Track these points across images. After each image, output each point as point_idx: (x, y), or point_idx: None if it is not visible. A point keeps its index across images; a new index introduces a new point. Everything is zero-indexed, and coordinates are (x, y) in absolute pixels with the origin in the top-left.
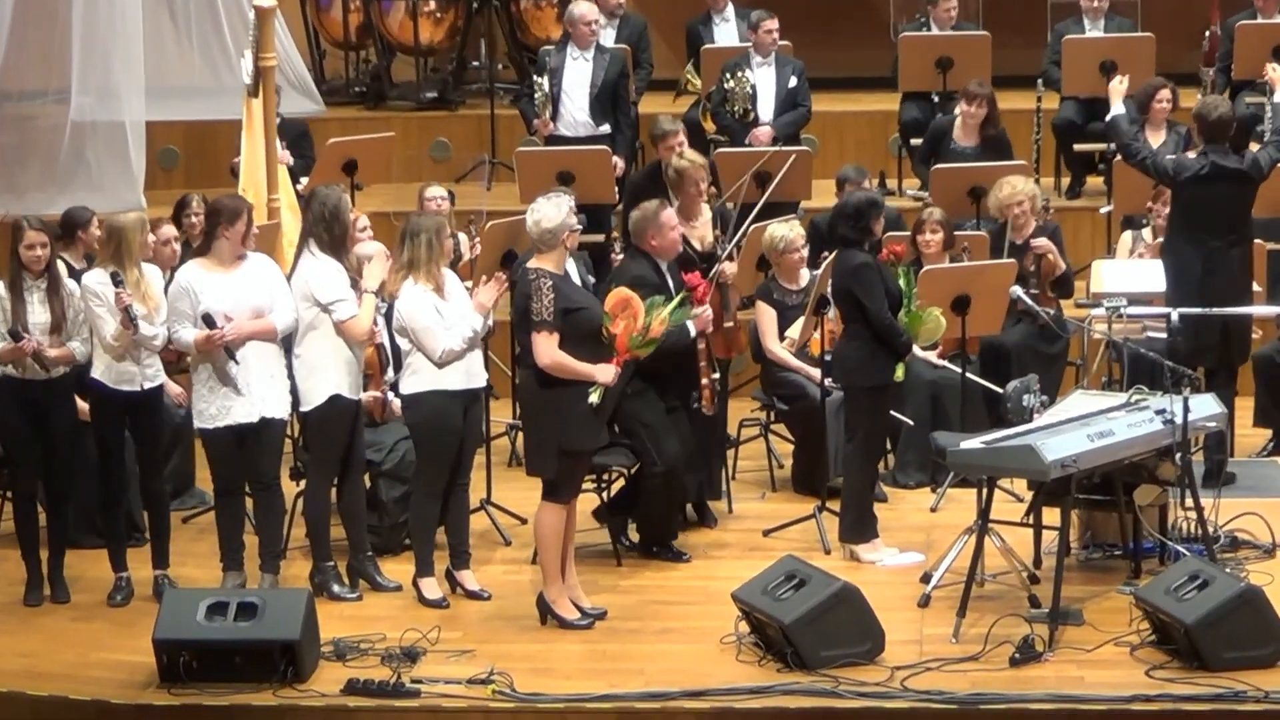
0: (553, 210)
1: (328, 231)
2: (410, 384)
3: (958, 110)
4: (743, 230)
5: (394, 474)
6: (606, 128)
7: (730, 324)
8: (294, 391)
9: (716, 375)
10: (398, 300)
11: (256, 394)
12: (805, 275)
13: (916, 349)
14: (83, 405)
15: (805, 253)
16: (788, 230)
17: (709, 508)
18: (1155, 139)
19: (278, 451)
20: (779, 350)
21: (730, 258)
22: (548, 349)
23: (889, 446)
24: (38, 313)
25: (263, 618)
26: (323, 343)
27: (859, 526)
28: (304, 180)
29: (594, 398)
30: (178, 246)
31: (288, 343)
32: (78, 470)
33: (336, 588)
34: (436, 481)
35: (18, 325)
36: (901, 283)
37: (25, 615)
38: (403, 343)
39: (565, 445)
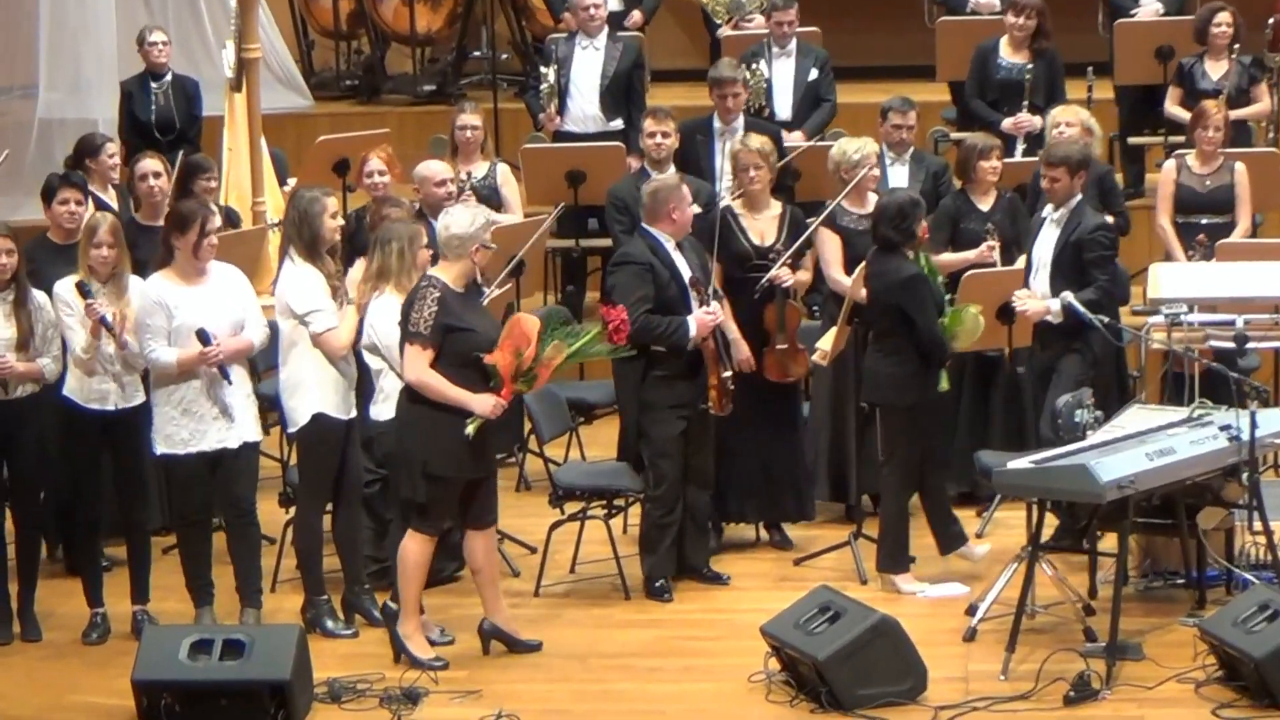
0: (466, 218)
1: (299, 237)
2: (384, 410)
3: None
4: (806, 233)
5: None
6: (618, 123)
7: (784, 346)
8: (280, 411)
9: (729, 374)
10: (367, 314)
11: (236, 417)
12: (873, 199)
13: None
14: None
15: (877, 172)
16: (859, 146)
17: (783, 529)
18: (1216, 69)
19: (254, 476)
20: (841, 278)
21: (794, 265)
22: (416, 364)
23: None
24: (2, 328)
25: (251, 656)
26: (305, 358)
27: (898, 555)
28: (291, 182)
29: (469, 429)
30: (162, 184)
31: (252, 363)
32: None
33: (330, 623)
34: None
35: None
36: (924, 271)
37: None
38: (373, 362)
39: (431, 469)
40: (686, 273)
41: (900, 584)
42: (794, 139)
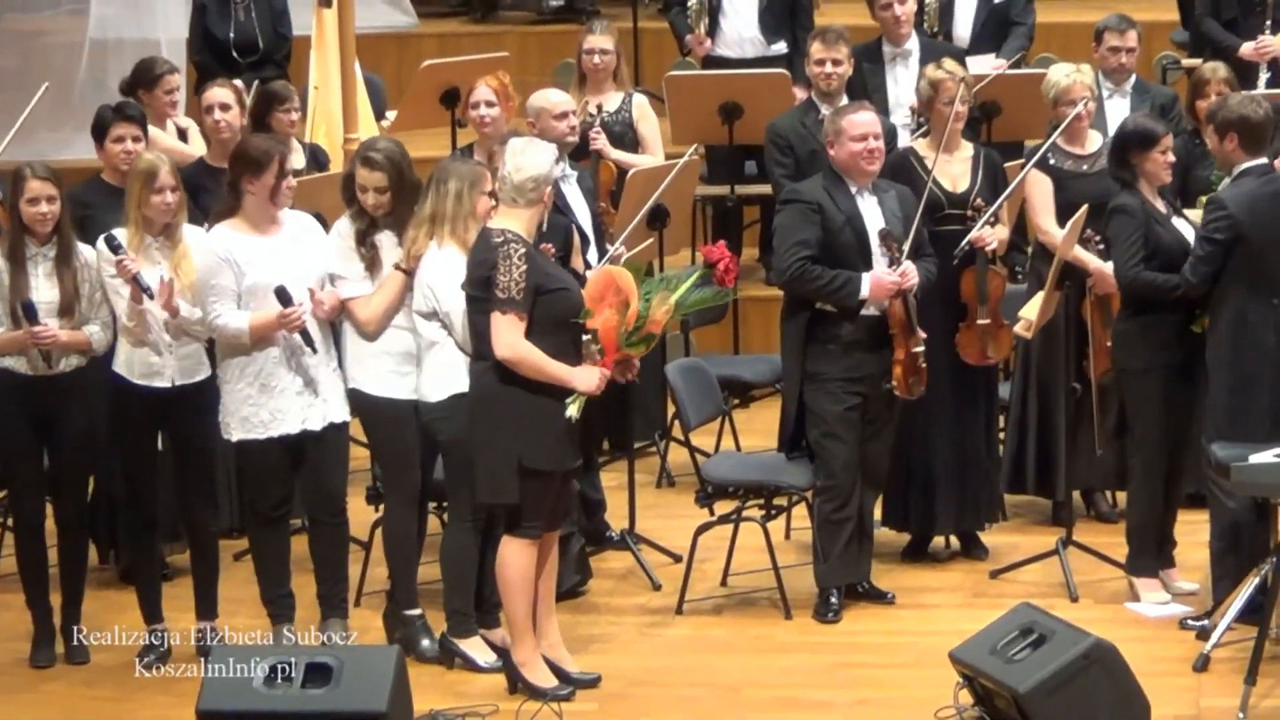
0: (540, 156)
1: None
2: (437, 386)
3: None
4: (1014, 184)
5: None
6: (781, 46)
7: (985, 321)
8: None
9: (921, 348)
10: (422, 269)
11: (321, 392)
12: (1095, 138)
13: None
14: None
15: (1090, 107)
16: (1066, 75)
17: (977, 536)
18: None
19: (345, 465)
20: (1054, 230)
21: (994, 221)
22: (511, 336)
23: None
24: (44, 289)
25: (340, 683)
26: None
27: (1142, 555)
28: (390, 116)
29: (572, 410)
30: (232, 118)
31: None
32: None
33: (425, 643)
34: (476, 510)
35: (18, 303)
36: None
37: (31, 680)
38: (427, 328)
39: (528, 462)
40: (877, 222)
41: (1140, 590)
42: (981, 64)
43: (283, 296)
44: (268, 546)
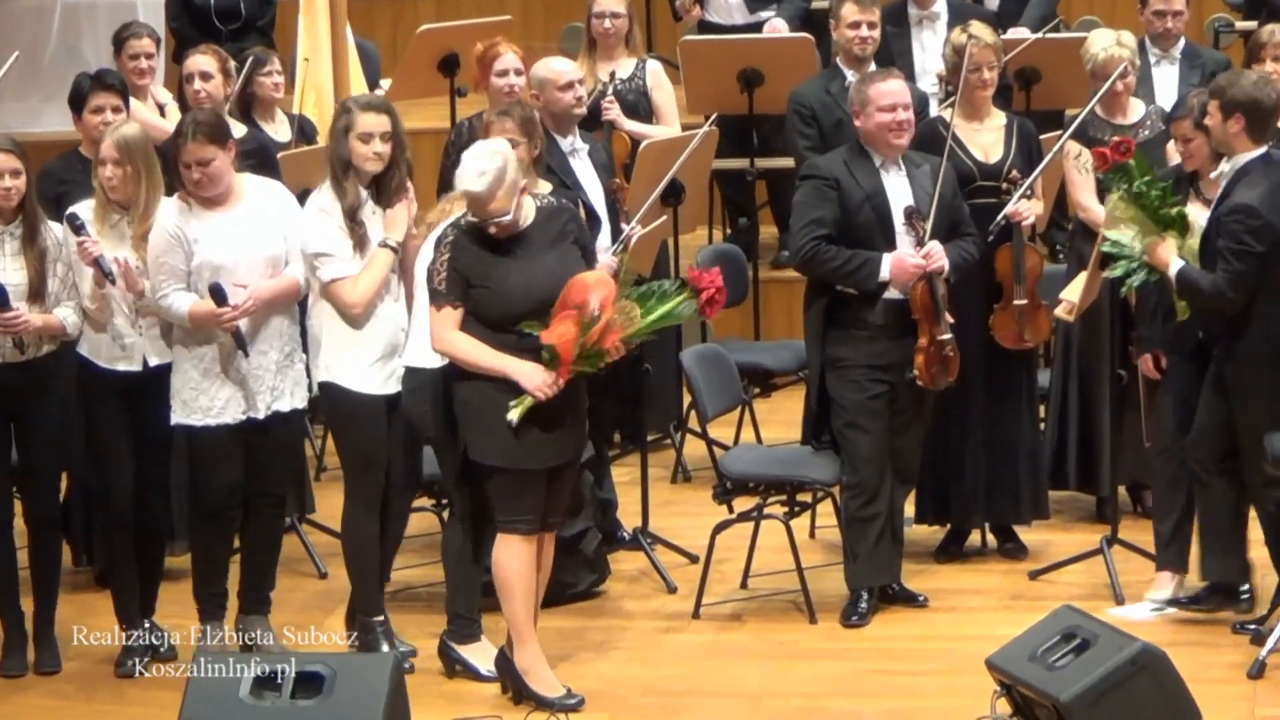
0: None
1: (330, 157)
2: (428, 352)
3: None
4: (1051, 153)
5: None
6: (770, 13)
7: (1022, 301)
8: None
9: (948, 336)
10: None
11: (268, 381)
12: (1138, 108)
13: None
14: None
15: (1129, 80)
16: (1108, 42)
17: (1015, 534)
18: None
19: (290, 454)
20: (1094, 206)
21: (1030, 194)
22: (439, 329)
23: None
24: (11, 271)
25: (333, 694)
26: (324, 311)
27: (1164, 550)
28: (384, 84)
29: (513, 414)
30: (213, 87)
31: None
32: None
33: (385, 650)
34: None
35: None
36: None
37: (0, 690)
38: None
39: (474, 455)
40: (904, 199)
41: (1154, 587)
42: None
43: (217, 295)
44: (208, 541)
